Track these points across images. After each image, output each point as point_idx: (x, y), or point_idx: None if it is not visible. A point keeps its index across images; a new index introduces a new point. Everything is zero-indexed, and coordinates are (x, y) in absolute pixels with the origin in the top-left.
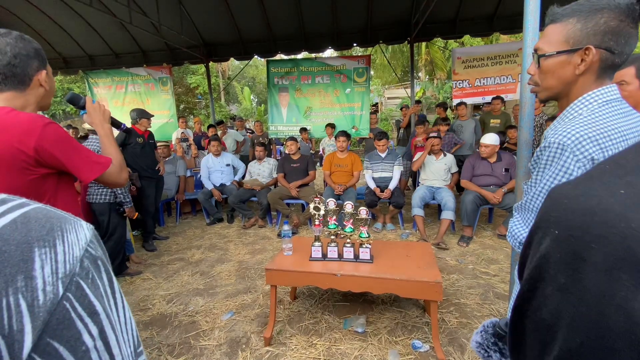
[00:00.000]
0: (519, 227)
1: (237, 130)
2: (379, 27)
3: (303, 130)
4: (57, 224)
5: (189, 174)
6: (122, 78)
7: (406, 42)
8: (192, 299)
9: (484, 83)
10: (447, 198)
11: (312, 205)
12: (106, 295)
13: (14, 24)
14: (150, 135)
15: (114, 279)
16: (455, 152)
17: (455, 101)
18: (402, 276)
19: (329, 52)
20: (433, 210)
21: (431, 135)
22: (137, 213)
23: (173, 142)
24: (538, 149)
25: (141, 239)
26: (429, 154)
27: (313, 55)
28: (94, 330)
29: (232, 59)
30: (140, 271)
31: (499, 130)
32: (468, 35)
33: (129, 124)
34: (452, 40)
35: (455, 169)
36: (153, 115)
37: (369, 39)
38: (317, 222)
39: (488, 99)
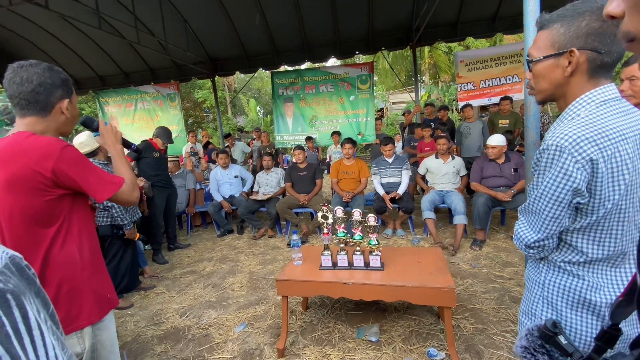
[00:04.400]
0: (525, 229)
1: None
2: (380, 34)
3: (309, 139)
4: None
5: (198, 187)
6: (132, 96)
7: (408, 47)
8: (205, 312)
9: (489, 84)
10: (457, 202)
11: (320, 214)
12: (16, 334)
13: (28, 48)
14: (165, 150)
15: (31, 312)
16: (463, 154)
17: (461, 104)
18: (413, 283)
19: (332, 61)
20: (444, 214)
21: (440, 135)
22: (138, 234)
23: (183, 156)
24: (537, 151)
25: (152, 251)
26: (436, 157)
27: (316, 65)
28: None
29: (237, 72)
30: (153, 285)
31: (508, 130)
32: (471, 38)
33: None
34: (457, 44)
35: (464, 171)
36: (172, 142)
37: (371, 46)
38: (325, 231)
39: (495, 99)
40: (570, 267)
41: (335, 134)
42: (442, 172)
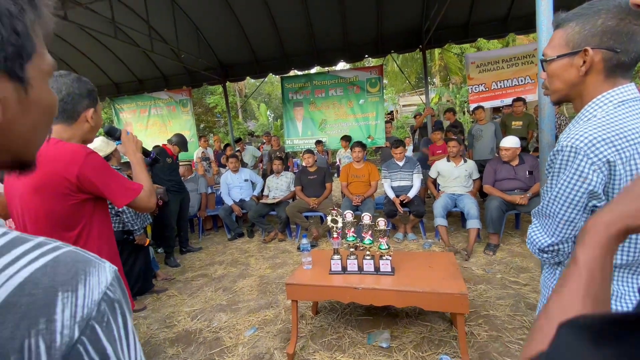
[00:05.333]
0: (538, 233)
1: (271, 146)
2: (389, 36)
3: (318, 142)
4: (82, 267)
5: (209, 191)
6: (145, 102)
7: (418, 49)
8: (216, 315)
9: (500, 85)
10: (470, 205)
11: (329, 218)
12: (119, 338)
13: None
14: (177, 155)
15: (129, 320)
16: (475, 157)
17: (473, 105)
18: (425, 288)
19: (342, 65)
20: (456, 218)
21: (450, 137)
22: (148, 240)
23: (194, 161)
24: (551, 152)
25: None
26: (448, 160)
27: (326, 69)
28: None
29: (247, 77)
30: (166, 288)
31: (522, 132)
32: (483, 39)
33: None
34: (468, 45)
35: (476, 175)
36: (186, 151)
37: (380, 49)
38: (335, 235)
39: (507, 101)
40: None
41: (344, 139)
42: (454, 176)
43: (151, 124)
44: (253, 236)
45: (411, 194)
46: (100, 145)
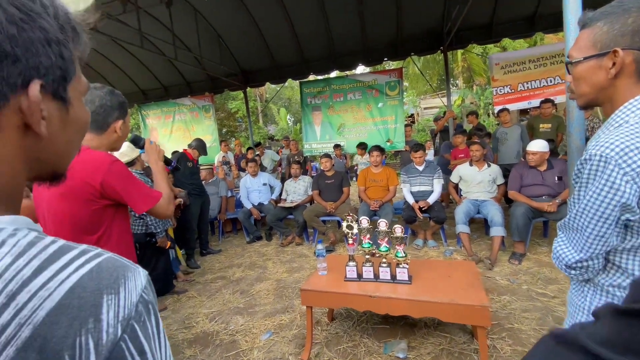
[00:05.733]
0: (565, 248)
1: (289, 150)
2: (409, 39)
3: (336, 146)
4: (122, 272)
5: (230, 194)
6: (170, 108)
7: (439, 51)
8: (233, 318)
9: (527, 87)
10: (494, 212)
11: (344, 224)
12: (153, 336)
13: (83, 68)
14: (198, 159)
15: (160, 321)
16: (500, 162)
17: (497, 108)
18: (443, 299)
19: (361, 69)
20: (479, 224)
21: (473, 141)
22: (169, 243)
23: (215, 165)
24: (579, 161)
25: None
26: (470, 164)
27: (345, 73)
28: None
29: (267, 83)
30: (186, 289)
31: (550, 135)
32: (508, 39)
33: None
34: (492, 45)
35: (501, 180)
36: (206, 154)
37: (399, 52)
38: (350, 241)
39: (535, 103)
40: (620, 292)
41: (360, 146)
42: (477, 181)
43: (175, 129)
44: (271, 239)
45: (431, 199)
46: (126, 150)
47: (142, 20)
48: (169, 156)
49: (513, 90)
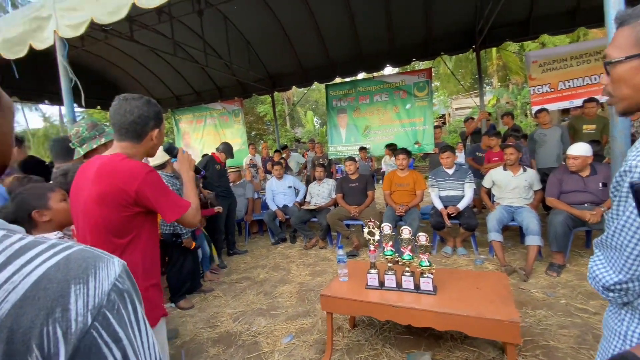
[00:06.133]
0: (602, 268)
1: (314, 153)
2: (439, 38)
3: (362, 149)
4: (92, 263)
5: (256, 196)
6: (202, 113)
7: (471, 50)
8: (256, 319)
9: (569, 85)
10: (530, 219)
11: (366, 230)
12: (130, 324)
13: (123, 76)
14: (225, 162)
15: (139, 308)
16: (538, 165)
17: (535, 108)
18: (469, 312)
19: (388, 70)
20: (513, 232)
21: (508, 144)
22: (194, 243)
23: (243, 167)
24: (618, 173)
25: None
26: (504, 169)
27: (371, 74)
28: (118, 354)
29: (293, 87)
30: (212, 288)
31: (594, 137)
32: (546, 35)
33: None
34: (530, 42)
35: (538, 185)
36: (232, 157)
37: (429, 52)
38: (372, 248)
39: (577, 102)
40: None
41: (389, 147)
42: (511, 186)
43: (206, 133)
44: (295, 242)
45: (461, 205)
46: (159, 152)
47: (175, 29)
48: (200, 158)
49: (553, 89)
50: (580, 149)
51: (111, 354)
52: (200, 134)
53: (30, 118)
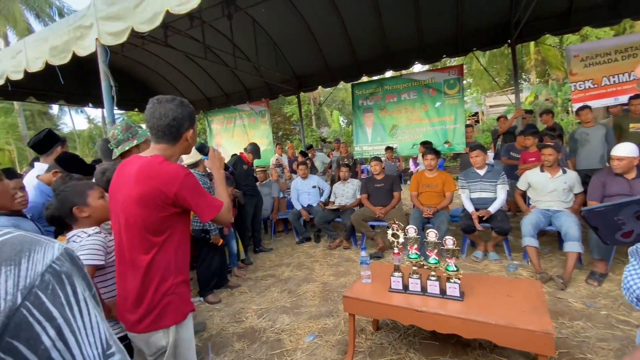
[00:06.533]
0: (637, 278)
1: (340, 152)
2: (471, 33)
3: (388, 149)
4: (27, 246)
5: (282, 195)
6: (231, 114)
7: (506, 44)
8: (279, 316)
9: (614, 81)
10: (569, 224)
11: (390, 232)
12: (69, 304)
13: (158, 80)
14: (252, 162)
15: (79, 289)
16: (579, 167)
17: (576, 105)
18: (499, 320)
19: (417, 67)
20: (551, 237)
21: (545, 144)
22: (221, 240)
23: (270, 167)
24: None
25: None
26: (542, 170)
27: (399, 72)
28: (52, 332)
29: (320, 87)
30: (239, 284)
31: None
32: (589, 27)
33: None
34: (570, 34)
35: (579, 188)
36: (259, 158)
37: (460, 48)
38: (396, 250)
39: (623, 99)
40: None
41: (425, 144)
42: (549, 189)
43: (236, 133)
44: (319, 241)
45: (493, 208)
46: (191, 152)
47: (206, 34)
48: (229, 157)
49: (596, 85)
50: (626, 150)
51: (44, 331)
52: (231, 135)
53: (77, 120)
